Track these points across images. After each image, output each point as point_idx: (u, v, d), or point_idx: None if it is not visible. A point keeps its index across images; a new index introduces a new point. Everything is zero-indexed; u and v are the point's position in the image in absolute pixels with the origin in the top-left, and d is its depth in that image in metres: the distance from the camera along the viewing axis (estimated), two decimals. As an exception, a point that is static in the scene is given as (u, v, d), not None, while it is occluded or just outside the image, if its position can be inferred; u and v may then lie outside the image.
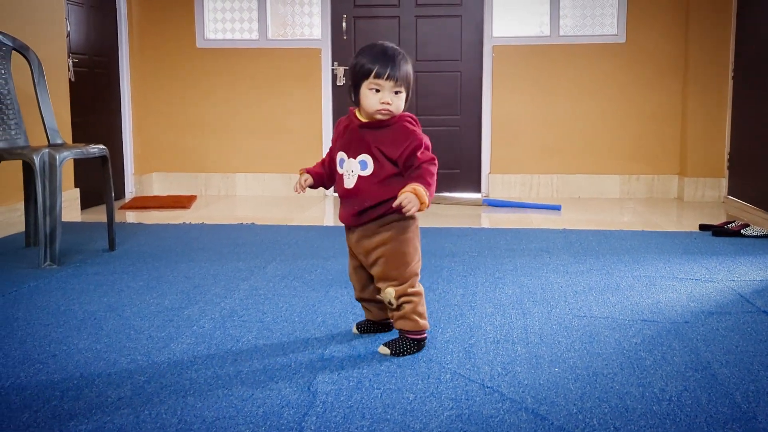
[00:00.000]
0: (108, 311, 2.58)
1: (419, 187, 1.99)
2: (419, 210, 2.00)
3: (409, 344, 2.14)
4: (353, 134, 2.12)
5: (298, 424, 1.68)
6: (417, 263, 2.16)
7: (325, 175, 2.23)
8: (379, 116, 2.07)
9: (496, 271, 3.18)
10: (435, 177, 2.07)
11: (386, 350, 2.13)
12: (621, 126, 5.72)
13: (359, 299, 2.30)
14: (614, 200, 5.61)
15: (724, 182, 5.46)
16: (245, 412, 1.75)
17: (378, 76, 2.04)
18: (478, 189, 5.89)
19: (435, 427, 1.67)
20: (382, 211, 2.10)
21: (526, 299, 2.74)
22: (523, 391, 1.87)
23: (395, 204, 2.00)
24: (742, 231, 3.96)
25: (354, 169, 2.11)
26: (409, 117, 2.12)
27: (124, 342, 2.25)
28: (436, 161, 2.08)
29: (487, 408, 1.77)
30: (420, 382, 1.93)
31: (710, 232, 4.07)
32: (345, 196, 2.15)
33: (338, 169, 2.16)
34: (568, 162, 5.79)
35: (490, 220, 4.74)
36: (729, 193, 5.36)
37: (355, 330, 2.34)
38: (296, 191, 2.23)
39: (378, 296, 2.19)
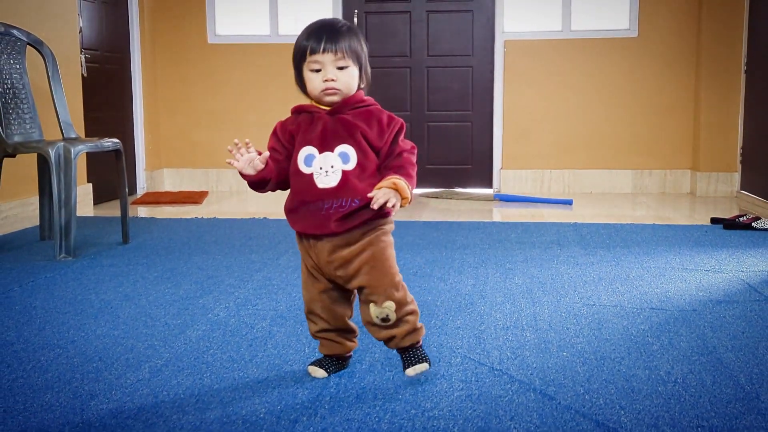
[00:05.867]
0: (124, 300, 2.63)
1: (399, 180, 1.71)
2: (401, 206, 1.71)
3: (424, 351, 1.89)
4: (323, 124, 1.80)
5: (312, 403, 1.73)
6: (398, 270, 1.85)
7: (274, 173, 1.81)
8: (327, 98, 1.79)
9: (506, 263, 3.21)
10: (416, 168, 1.80)
11: (424, 366, 1.83)
12: (633, 121, 5.74)
13: (326, 330, 1.89)
14: (626, 195, 5.62)
15: (737, 177, 5.46)
16: (260, 392, 1.80)
17: (313, 51, 1.76)
18: (489, 185, 5.92)
19: (445, 406, 1.71)
20: (373, 213, 1.77)
21: (536, 289, 2.77)
22: (531, 374, 1.90)
23: (373, 204, 1.70)
24: (753, 224, 3.98)
25: (334, 164, 1.76)
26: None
27: (141, 329, 2.30)
28: (416, 149, 1.83)
29: (496, 389, 1.81)
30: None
31: (721, 225, 4.09)
32: (320, 198, 1.77)
33: (303, 169, 1.79)
34: (580, 157, 5.80)
35: (501, 214, 4.77)
36: (741, 188, 5.35)
37: (322, 373, 1.90)
38: (232, 158, 1.77)
39: (372, 315, 1.81)
